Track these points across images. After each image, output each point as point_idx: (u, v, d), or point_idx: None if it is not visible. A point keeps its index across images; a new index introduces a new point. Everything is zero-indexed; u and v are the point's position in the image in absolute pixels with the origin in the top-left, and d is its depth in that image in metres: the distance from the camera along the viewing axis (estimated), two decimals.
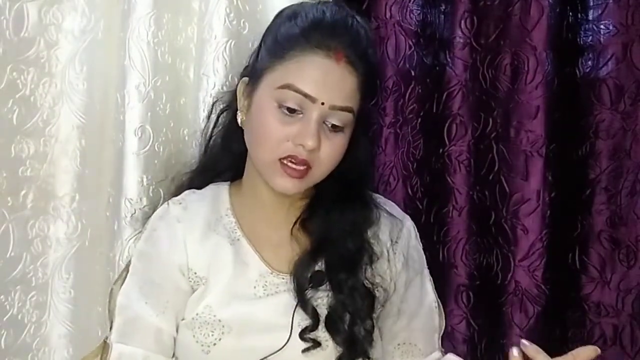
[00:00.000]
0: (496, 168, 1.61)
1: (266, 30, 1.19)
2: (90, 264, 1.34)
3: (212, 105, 1.30)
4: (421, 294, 1.25)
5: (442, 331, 1.27)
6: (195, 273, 1.15)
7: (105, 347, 1.14)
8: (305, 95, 1.08)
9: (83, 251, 1.33)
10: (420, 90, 1.62)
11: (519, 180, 1.59)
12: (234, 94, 1.21)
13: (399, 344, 1.22)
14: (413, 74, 1.62)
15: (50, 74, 1.29)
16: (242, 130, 1.18)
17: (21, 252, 1.28)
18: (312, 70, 1.09)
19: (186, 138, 1.42)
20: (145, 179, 1.35)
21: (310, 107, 1.08)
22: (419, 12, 1.63)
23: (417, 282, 1.25)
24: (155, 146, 1.37)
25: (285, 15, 1.16)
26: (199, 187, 1.25)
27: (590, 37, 1.59)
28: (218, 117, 1.27)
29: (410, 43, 1.62)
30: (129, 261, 1.19)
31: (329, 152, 1.11)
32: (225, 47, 1.36)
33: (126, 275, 1.17)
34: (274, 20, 1.19)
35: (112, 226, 1.34)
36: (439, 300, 1.28)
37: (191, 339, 1.12)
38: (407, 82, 1.62)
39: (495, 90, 1.60)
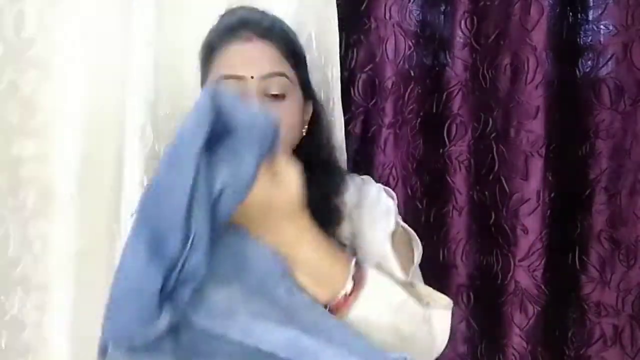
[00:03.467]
0: (496, 168, 1.61)
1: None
2: (90, 264, 1.34)
3: None
4: (383, 228, 1.23)
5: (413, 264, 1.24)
6: None
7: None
8: (235, 77, 1.17)
9: (83, 252, 1.33)
10: (419, 91, 1.62)
11: (519, 180, 1.59)
12: None
13: None
14: (413, 74, 1.62)
15: (50, 74, 1.29)
16: None
17: (21, 252, 1.28)
18: (232, 56, 1.20)
19: None
20: (145, 180, 1.35)
21: (245, 86, 1.17)
22: (418, 12, 1.63)
23: (381, 223, 1.24)
24: (156, 146, 1.37)
25: (205, 36, 1.29)
26: None
27: (590, 37, 1.60)
28: None
29: (410, 43, 1.62)
30: None
31: (280, 120, 1.17)
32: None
33: None
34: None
35: (112, 226, 1.34)
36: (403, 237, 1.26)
37: None
38: (406, 83, 1.62)
39: (495, 90, 1.60)
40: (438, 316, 1.09)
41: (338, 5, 1.50)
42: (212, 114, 0.89)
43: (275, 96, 1.19)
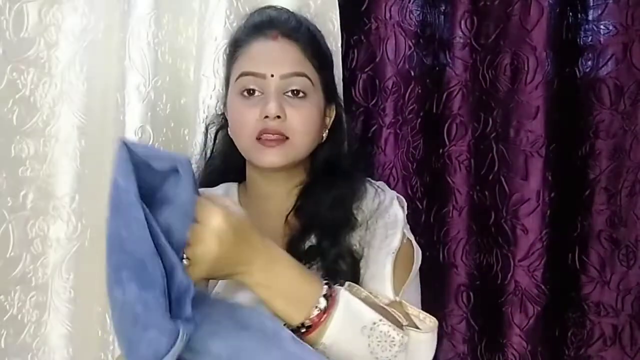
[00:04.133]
0: (496, 168, 1.61)
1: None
2: (90, 264, 1.34)
3: (206, 128, 1.36)
4: (387, 243, 1.22)
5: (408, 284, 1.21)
6: None
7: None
8: (256, 75, 1.18)
9: (83, 251, 1.33)
10: (419, 91, 1.62)
11: (519, 180, 1.59)
12: (223, 114, 1.31)
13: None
14: (413, 74, 1.62)
15: (50, 74, 1.29)
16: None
17: (21, 252, 1.27)
18: (255, 54, 1.20)
19: (186, 138, 1.42)
20: None
21: (265, 84, 1.18)
22: (418, 12, 1.63)
23: (387, 235, 1.23)
24: (155, 146, 1.37)
25: (232, 32, 1.32)
26: None
27: (590, 37, 1.60)
28: (215, 136, 1.34)
29: (410, 43, 1.62)
30: None
31: (299, 119, 1.18)
32: (225, 49, 1.36)
33: None
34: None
35: None
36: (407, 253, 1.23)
37: None
38: (406, 83, 1.62)
39: (495, 90, 1.60)
40: (418, 340, 1.07)
41: (339, 6, 1.50)
42: (131, 163, 0.90)
43: (295, 93, 1.19)
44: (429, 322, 1.10)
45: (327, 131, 1.27)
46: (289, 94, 1.19)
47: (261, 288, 0.99)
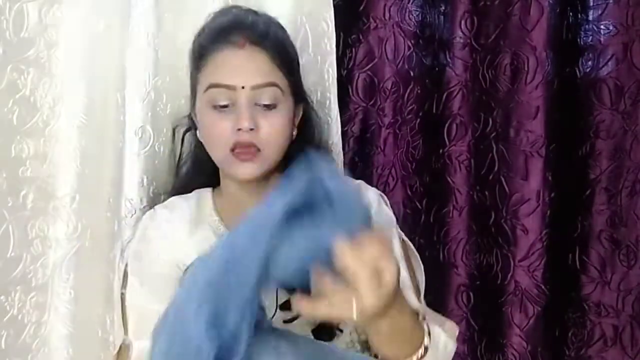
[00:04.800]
0: (496, 168, 1.61)
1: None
2: (90, 264, 1.33)
3: (174, 130, 1.37)
4: None
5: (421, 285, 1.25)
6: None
7: (122, 349, 1.21)
8: (226, 87, 1.16)
9: (83, 251, 1.32)
10: (419, 91, 1.63)
11: (519, 180, 1.59)
12: (190, 115, 1.31)
13: None
14: (412, 74, 1.63)
15: (50, 74, 1.28)
16: None
17: (21, 252, 1.27)
18: (223, 64, 1.18)
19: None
20: (145, 179, 1.35)
21: (236, 96, 1.16)
22: (418, 12, 1.64)
23: None
24: (156, 146, 1.37)
25: (198, 32, 1.27)
26: None
27: (590, 37, 1.60)
28: (182, 138, 1.36)
29: (410, 44, 1.62)
30: (126, 265, 1.26)
31: (270, 130, 1.17)
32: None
33: (126, 276, 1.24)
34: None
35: (112, 226, 1.33)
36: (412, 254, 1.26)
37: None
38: (406, 83, 1.62)
39: (495, 90, 1.60)
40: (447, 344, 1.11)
41: (337, 6, 1.50)
42: (304, 185, 0.88)
43: (266, 106, 1.18)
44: (454, 330, 1.15)
45: (296, 129, 1.27)
46: (260, 105, 1.17)
47: (378, 333, 0.97)
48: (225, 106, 1.17)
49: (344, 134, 1.53)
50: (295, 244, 0.87)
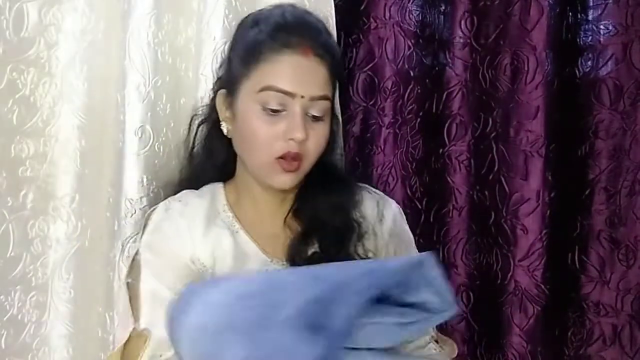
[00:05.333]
0: (496, 168, 1.61)
1: (232, 41, 1.28)
2: (90, 264, 1.33)
3: (191, 119, 1.35)
4: None
5: None
6: (203, 263, 1.20)
7: (132, 338, 1.19)
8: (285, 93, 1.14)
9: (83, 251, 1.32)
10: (419, 91, 1.63)
11: (518, 180, 1.59)
12: (212, 106, 1.28)
13: None
14: (412, 74, 1.63)
15: (50, 74, 1.29)
16: (225, 140, 1.25)
17: (21, 252, 1.27)
18: (286, 68, 1.15)
19: None
20: (145, 179, 1.35)
21: (292, 103, 1.15)
22: (418, 12, 1.64)
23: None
24: (156, 146, 1.37)
25: (249, 24, 1.23)
26: None
27: (590, 37, 1.60)
28: (197, 129, 1.33)
29: (410, 43, 1.62)
30: (135, 254, 1.24)
31: (315, 141, 1.18)
32: (223, 48, 1.36)
33: (138, 268, 1.22)
34: (237, 30, 1.27)
35: (112, 226, 1.33)
36: None
37: None
38: (406, 83, 1.63)
39: (495, 90, 1.60)
40: None
41: (337, 5, 1.50)
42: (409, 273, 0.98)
43: (315, 117, 1.17)
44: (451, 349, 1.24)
45: None
46: (310, 116, 1.17)
47: None
48: (277, 111, 1.15)
49: (344, 133, 1.53)
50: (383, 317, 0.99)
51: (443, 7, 1.63)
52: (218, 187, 1.29)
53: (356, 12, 1.61)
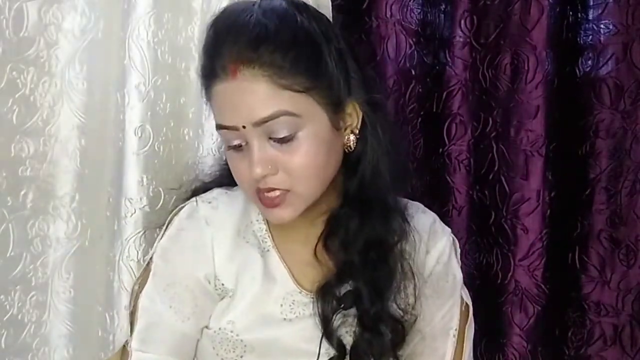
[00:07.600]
0: (496, 168, 1.61)
1: None
2: (90, 263, 1.34)
3: None
4: (447, 320, 1.15)
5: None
6: (223, 284, 1.07)
7: (124, 352, 1.07)
8: (228, 128, 0.99)
9: (83, 251, 1.33)
10: (420, 90, 1.63)
11: (519, 179, 1.59)
12: None
13: None
14: (413, 73, 1.62)
15: (50, 74, 1.29)
16: None
17: (21, 252, 1.27)
18: (219, 101, 1.00)
19: (186, 138, 1.42)
20: (145, 179, 1.35)
21: (243, 135, 0.98)
22: (419, 11, 1.64)
23: (446, 307, 1.15)
24: (155, 146, 1.36)
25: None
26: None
27: (590, 37, 1.60)
28: None
29: (411, 42, 1.62)
30: (150, 259, 1.09)
31: (295, 164, 0.98)
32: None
33: (147, 274, 1.07)
34: None
35: (112, 226, 1.34)
36: (459, 327, 1.16)
37: (211, 350, 1.07)
38: (407, 82, 1.62)
39: (495, 89, 1.60)
40: None
41: (339, 4, 1.50)
42: None
43: (281, 140, 0.97)
44: None
45: (354, 137, 1.05)
46: (272, 141, 0.98)
47: None
48: (240, 146, 1.00)
49: None
50: None
51: (443, 6, 1.63)
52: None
53: (358, 11, 1.61)
